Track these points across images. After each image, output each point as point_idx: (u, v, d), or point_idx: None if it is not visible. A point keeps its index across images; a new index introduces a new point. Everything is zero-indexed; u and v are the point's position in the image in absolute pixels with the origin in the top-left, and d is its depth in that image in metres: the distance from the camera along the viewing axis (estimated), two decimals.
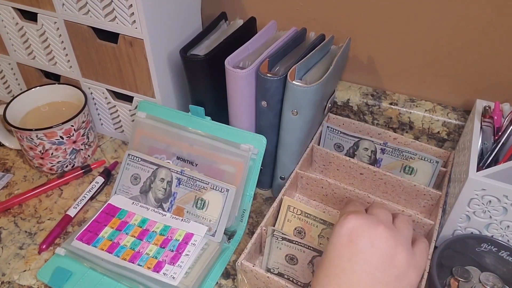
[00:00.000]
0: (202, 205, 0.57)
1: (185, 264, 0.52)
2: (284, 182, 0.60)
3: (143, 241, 0.55)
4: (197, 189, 0.57)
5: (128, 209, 0.59)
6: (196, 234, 0.55)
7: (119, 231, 0.57)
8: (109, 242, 0.55)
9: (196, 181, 0.56)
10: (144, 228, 0.57)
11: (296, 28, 0.64)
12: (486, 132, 0.55)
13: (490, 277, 0.50)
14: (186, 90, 0.65)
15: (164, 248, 0.54)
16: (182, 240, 0.55)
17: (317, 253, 0.49)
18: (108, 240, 0.56)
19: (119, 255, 0.54)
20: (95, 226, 0.57)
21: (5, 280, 0.54)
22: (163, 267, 0.52)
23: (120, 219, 0.58)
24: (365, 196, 0.57)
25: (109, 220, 0.58)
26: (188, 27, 0.66)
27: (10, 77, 0.77)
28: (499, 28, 0.58)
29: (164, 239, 0.55)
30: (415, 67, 0.67)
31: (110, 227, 0.57)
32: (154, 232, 0.56)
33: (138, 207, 0.60)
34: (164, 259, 0.53)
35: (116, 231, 0.57)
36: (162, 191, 0.58)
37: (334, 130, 0.66)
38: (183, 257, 0.53)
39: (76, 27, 0.61)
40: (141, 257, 0.53)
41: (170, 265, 0.52)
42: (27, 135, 0.61)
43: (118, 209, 0.60)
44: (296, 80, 0.52)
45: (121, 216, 0.59)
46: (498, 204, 0.49)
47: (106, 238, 0.56)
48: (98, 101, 0.70)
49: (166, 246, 0.55)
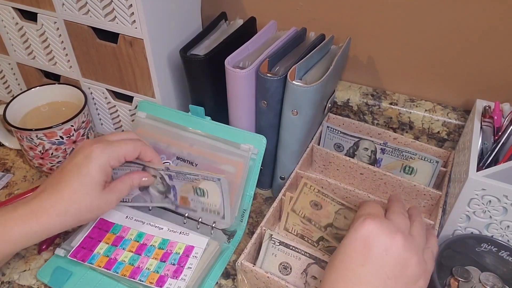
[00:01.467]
0: (202, 193, 0.55)
1: (188, 277, 0.51)
2: (284, 182, 0.60)
3: (142, 255, 0.54)
4: (190, 180, 0.55)
5: (122, 223, 0.57)
6: (197, 247, 0.54)
7: (116, 247, 0.55)
8: (106, 259, 0.53)
9: (185, 174, 0.55)
10: (141, 242, 0.55)
11: (296, 28, 0.64)
12: (486, 132, 0.55)
13: (490, 277, 0.50)
14: (186, 90, 0.65)
15: (165, 262, 0.53)
16: (183, 253, 0.53)
17: (313, 261, 0.49)
18: (104, 256, 0.54)
19: (118, 271, 0.52)
20: (89, 242, 0.55)
21: (5, 280, 0.54)
22: (166, 282, 0.50)
23: (114, 234, 0.56)
24: (365, 196, 0.57)
25: (103, 235, 0.56)
26: (188, 27, 0.66)
27: (10, 77, 0.77)
28: (499, 28, 0.58)
29: (164, 253, 0.54)
30: (415, 67, 0.67)
31: (105, 242, 0.55)
32: (152, 246, 0.55)
33: (133, 221, 0.58)
34: (166, 273, 0.51)
35: (112, 246, 0.55)
36: (161, 185, 0.57)
37: (334, 130, 0.66)
38: (186, 270, 0.52)
39: (76, 27, 0.61)
40: (141, 272, 0.52)
41: (173, 279, 0.51)
42: (27, 135, 0.61)
43: (111, 224, 0.57)
44: (296, 80, 0.52)
45: (115, 231, 0.57)
46: (498, 204, 0.49)
47: (102, 254, 0.54)
48: (98, 101, 0.70)
49: (167, 260, 0.53)
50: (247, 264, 0.48)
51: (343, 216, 0.54)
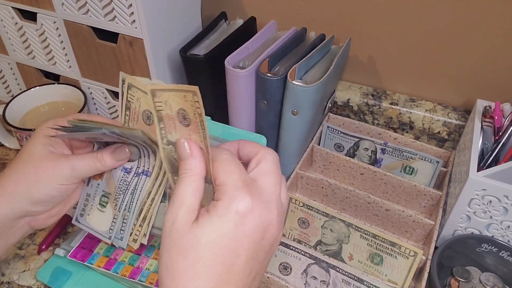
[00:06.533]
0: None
1: None
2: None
3: (142, 255, 0.53)
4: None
5: None
6: None
7: (115, 247, 0.54)
8: (105, 259, 0.53)
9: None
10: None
11: (296, 28, 0.64)
12: (487, 132, 0.55)
13: (490, 278, 0.50)
14: None
15: None
16: None
17: (313, 261, 0.49)
18: (104, 257, 0.53)
19: (118, 271, 0.52)
20: (89, 242, 0.55)
21: (5, 280, 0.53)
22: None
23: None
24: (365, 196, 0.57)
25: None
26: (188, 27, 0.66)
27: (9, 77, 0.77)
28: (500, 28, 0.58)
29: None
30: (415, 67, 0.67)
31: (105, 242, 0.54)
32: (152, 246, 0.54)
33: None
34: None
35: (112, 246, 0.54)
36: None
37: (334, 130, 0.66)
38: None
39: (76, 27, 0.61)
40: (141, 272, 0.51)
41: None
42: (27, 135, 0.61)
43: None
44: (296, 80, 0.52)
45: None
46: (498, 204, 0.49)
47: (102, 255, 0.53)
48: (98, 101, 0.70)
49: None
50: None
51: (329, 229, 0.54)
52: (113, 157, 0.42)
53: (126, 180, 0.43)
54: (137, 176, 0.42)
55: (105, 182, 0.45)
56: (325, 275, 0.48)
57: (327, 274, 0.48)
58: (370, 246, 0.51)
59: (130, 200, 0.43)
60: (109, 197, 0.44)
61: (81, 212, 0.46)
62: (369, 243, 0.51)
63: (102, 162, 0.42)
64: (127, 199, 0.43)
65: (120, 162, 0.42)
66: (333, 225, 0.53)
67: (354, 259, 0.53)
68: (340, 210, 0.61)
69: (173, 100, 0.36)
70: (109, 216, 0.44)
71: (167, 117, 0.36)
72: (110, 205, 0.44)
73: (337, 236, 0.53)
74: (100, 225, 0.45)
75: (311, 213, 0.54)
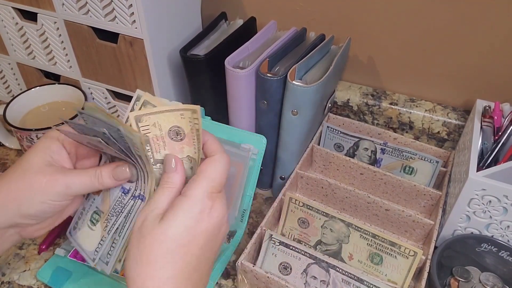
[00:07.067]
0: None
1: None
2: (284, 182, 0.60)
3: None
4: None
5: None
6: None
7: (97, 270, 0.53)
8: None
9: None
10: None
11: (296, 28, 0.64)
12: (486, 132, 0.55)
13: (490, 277, 0.50)
14: (186, 90, 0.65)
15: None
16: None
17: (313, 261, 0.49)
18: None
19: (118, 271, 0.50)
20: None
21: (5, 280, 0.54)
22: None
23: None
24: (365, 196, 0.57)
25: None
26: (188, 27, 0.66)
27: (10, 77, 0.77)
28: (500, 28, 0.58)
29: None
30: (415, 67, 0.67)
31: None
32: None
33: None
34: None
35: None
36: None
37: (334, 130, 0.66)
38: None
39: (76, 27, 0.61)
40: None
41: None
42: (27, 135, 0.61)
43: None
44: (296, 80, 0.52)
45: None
46: (498, 204, 0.49)
47: None
48: (98, 101, 0.70)
49: None
50: (247, 264, 0.48)
51: (329, 229, 0.54)
52: (112, 175, 0.41)
53: (122, 202, 0.41)
54: (133, 199, 0.40)
55: (101, 198, 0.43)
56: (325, 275, 0.48)
57: (327, 274, 0.48)
58: (370, 246, 0.51)
59: (123, 224, 0.40)
60: (101, 215, 0.42)
61: (75, 225, 0.45)
62: (369, 243, 0.51)
63: (100, 179, 0.40)
64: (120, 222, 0.40)
65: (119, 182, 0.41)
66: (333, 225, 0.53)
67: (354, 259, 0.53)
68: (340, 210, 0.61)
69: (163, 120, 0.38)
70: (97, 236, 0.42)
71: (155, 138, 0.39)
72: (100, 224, 0.42)
73: (337, 236, 0.53)
74: (86, 244, 0.43)
75: (311, 213, 0.54)
